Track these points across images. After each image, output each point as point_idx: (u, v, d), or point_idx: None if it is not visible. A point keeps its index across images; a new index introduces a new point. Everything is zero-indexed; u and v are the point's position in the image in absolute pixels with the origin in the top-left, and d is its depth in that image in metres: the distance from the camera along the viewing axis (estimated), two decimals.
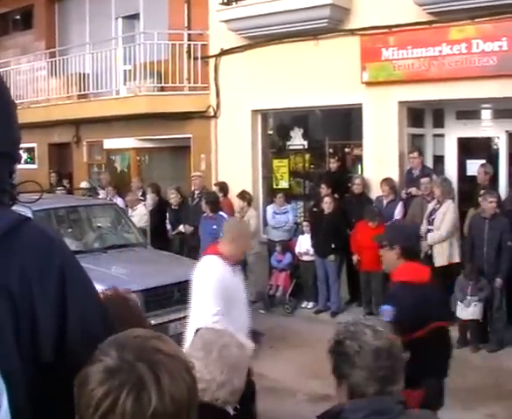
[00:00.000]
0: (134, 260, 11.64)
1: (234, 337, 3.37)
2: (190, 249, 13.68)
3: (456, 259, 11.59)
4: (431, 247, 11.64)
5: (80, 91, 18.08)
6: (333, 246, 12.72)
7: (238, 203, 14.16)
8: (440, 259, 11.53)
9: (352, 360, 2.90)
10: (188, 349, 3.47)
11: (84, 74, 18.06)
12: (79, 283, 2.03)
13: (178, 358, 1.65)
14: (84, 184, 18.54)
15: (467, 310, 10.76)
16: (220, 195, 14.29)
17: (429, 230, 11.68)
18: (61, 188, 17.87)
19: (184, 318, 8.79)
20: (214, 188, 14.62)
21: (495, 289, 10.61)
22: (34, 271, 1.84)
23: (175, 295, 10.03)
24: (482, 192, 11.22)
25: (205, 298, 5.73)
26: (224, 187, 14.68)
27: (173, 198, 14.87)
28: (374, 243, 11.85)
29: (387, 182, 12.78)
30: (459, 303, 10.88)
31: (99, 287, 7.46)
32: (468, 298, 10.73)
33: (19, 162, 2.19)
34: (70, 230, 12.55)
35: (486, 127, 13.60)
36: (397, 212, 12.63)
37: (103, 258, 11.11)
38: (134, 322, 3.29)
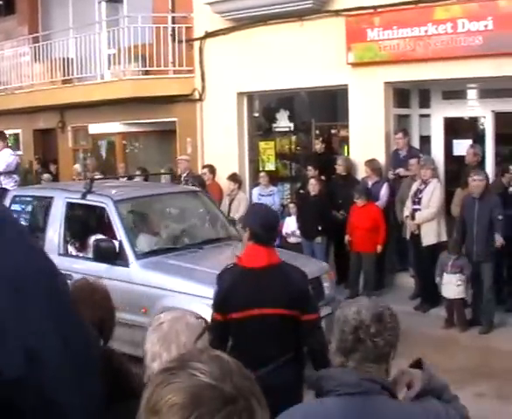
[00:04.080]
0: None
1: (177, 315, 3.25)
2: None
3: (444, 238, 11.62)
4: (418, 227, 11.65)
5: (64, 76, 17.94)
6: (320, 228, 12.68)
7: (228, 186, 14.12)
8: (428, 238, 11.54)
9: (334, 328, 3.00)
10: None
11: (68, 59, 17.91)
12: (11, 240, 2.06)
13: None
14: (77, 167, 18.38)
15: (450, 288, 10.79)
16: (211, 177, 14.27)
17: (415, 210, 11.68)
18: (48, 175, 17.70)
19: None
20: (203, 171, 14.56)
21: (486, 269, 10.59)
22: None
23: None
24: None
25: None
26: (214, 169, 14.63)
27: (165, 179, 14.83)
28: (364, 225, 12.05)
29: (370, 163, 12.78)
30: (438, 280, 11.00)
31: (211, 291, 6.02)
32: (445, 274, 10.78)
33: None
34: (156, 223, 10.93)
35: (472, 107, 13.60)
36: (383, 193, 12.63)
37: (202, 256, 9.67)
38: (98, 303, 3.32)
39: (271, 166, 15.51)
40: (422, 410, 2.81)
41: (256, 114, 16.14)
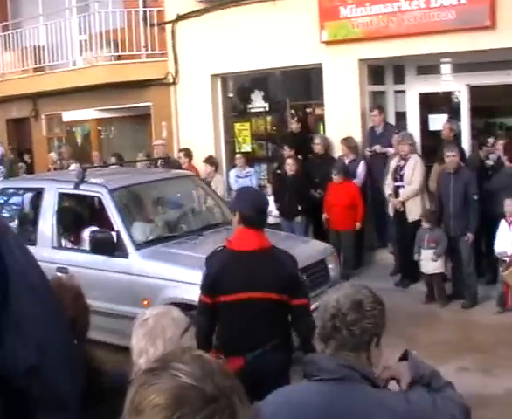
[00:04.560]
0: None
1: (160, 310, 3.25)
2: None
3: None
4: (403, 203, 11.60)
5: (36, 64, 17.78)
6: (299, 208, 12.66)
7: (205, 169, 14.02)
8: (414, 214, 11.48)
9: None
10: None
11: (39, 47, 17.74)
12: (15, 246, 2.23)
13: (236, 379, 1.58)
14: (53, 155, 18.19)
15: (428, 264, 10.80)
16: (186, 160, 14.15)
17: (398, 187, 11.64)
18: (22, 164, 17.54)
19: None
20: (179, 155, 14.46)
21: (464, 243, 10.59)
22: None
23: None
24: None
25: None
26: (189, 153, 14.51)
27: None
28: (342, 202, 12.03)
29: (346, 141, 12.78)
30: (417, 256, 10.99)
31: None
32: (423, 250, 10.80)
33: None
34: (154, 211, 10.45)
35: (447, 82, 13.62)
36: (360, 171, 12.62)
37: (203, 243, 9.10)
38: (66, 302, 3.29)
39: (247, 147, 15.48)
40: (404, 400, 2.77)
41: (230, 95, 16.08)
